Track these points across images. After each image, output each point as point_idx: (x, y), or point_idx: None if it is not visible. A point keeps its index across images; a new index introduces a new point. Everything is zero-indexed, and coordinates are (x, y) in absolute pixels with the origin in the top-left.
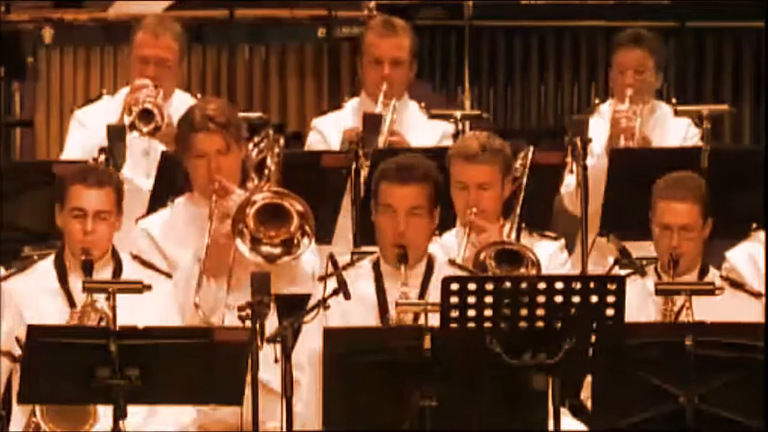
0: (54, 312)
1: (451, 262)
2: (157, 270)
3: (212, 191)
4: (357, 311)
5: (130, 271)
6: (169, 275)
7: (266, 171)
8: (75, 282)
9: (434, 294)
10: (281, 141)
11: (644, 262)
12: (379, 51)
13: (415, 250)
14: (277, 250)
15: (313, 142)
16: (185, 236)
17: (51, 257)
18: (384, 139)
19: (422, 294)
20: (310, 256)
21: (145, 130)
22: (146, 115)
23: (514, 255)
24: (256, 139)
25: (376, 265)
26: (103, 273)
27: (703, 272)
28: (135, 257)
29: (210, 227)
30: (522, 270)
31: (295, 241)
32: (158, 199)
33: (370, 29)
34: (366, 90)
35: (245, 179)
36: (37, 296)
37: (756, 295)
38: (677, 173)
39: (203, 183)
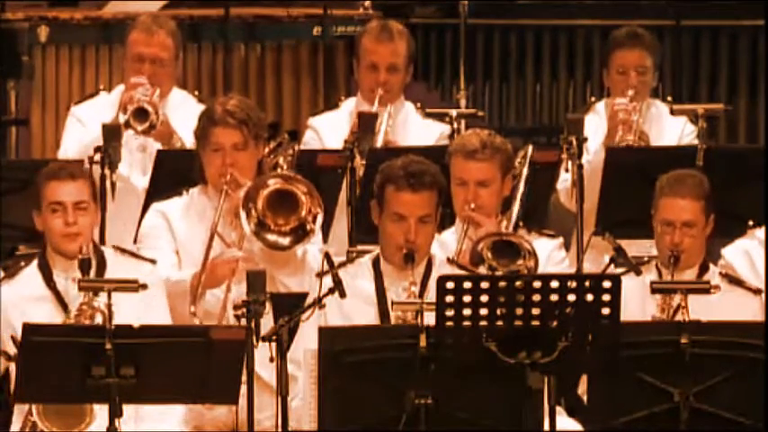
0: (46, 319)
1: (449, 260)
2: (140, 257)
3: (224, 183)
4: (357, 309)
5: (113, 262)
6: (154, 261)
7: (278, 170)
8: (61, 280)
9: (434, 293)
10: (296, 148)
11: (645, 258)
12: (376, 57)
13: (423, 254)
14: (286, 240)
15: (308, 140)
16: (196, 225)
17: (35, 262)
18: (380, 142)
19: (421, 293)
20: (317, 253)
21: (140, 128)
22: (140, 114)
23: (511, 246)
24: (272, 144)
25: (376, 264)
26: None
27: (703, 269)
28: (116, 248)
29: (215, 219)
30: (520, 262)
31: (308, 227)
32: (154, 197)
33: (367, 33)
34: (362, 93)
35: None
36: (25, 304)
37: (755, 291)
38: (680, 170)
39: (217, 176)
